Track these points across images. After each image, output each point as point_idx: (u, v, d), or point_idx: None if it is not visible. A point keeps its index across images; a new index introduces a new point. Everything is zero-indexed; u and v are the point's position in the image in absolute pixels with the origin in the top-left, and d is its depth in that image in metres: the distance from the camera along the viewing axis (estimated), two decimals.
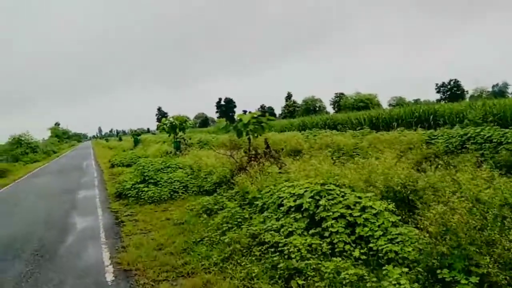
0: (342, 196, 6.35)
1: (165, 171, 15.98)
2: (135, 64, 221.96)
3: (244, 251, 6.17)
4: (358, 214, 5.80)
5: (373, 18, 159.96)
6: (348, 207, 6.04)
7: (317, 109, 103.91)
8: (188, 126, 27.35)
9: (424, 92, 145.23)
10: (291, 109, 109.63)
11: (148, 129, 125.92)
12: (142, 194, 12.06)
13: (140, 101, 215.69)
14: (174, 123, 25.74)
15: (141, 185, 12.57)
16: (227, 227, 7.20)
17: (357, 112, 36.08)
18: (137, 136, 44.19)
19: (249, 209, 8.02)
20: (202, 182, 12.85)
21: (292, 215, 6.42)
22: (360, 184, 7.05)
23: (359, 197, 6.26)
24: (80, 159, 37.56)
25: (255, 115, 11.46)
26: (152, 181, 12.84)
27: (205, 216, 8.63)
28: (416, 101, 61.66)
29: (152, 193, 11.98)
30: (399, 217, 5.87)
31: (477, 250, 4.19)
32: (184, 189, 12.61)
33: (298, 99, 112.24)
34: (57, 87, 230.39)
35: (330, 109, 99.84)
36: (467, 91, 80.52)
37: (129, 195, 12.45)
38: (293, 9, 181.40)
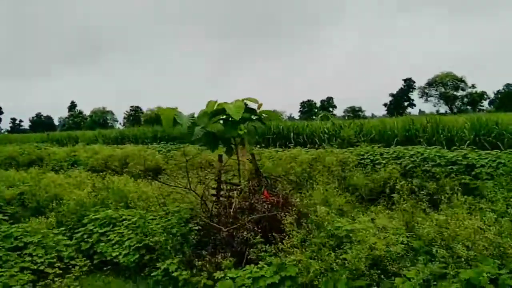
0: None
1: None
2: None
3: None
4: None
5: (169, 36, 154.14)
6: None
7: (108, 121, 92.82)
8: None
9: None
10: (77, 120, 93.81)
11: None
12: None
13: None
14: None
15: None
16: None
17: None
18: None
19: None
20: (98, 244, 5.91)
21: None
22: None
23: None
24: None
25: (248, 104, 5.62)
26: None
27: None
28: None
29: None
30: None
31: None
32: (59, 263, 5.48)
33: (85, 109, 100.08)
34: None
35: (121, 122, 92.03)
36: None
37: None
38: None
